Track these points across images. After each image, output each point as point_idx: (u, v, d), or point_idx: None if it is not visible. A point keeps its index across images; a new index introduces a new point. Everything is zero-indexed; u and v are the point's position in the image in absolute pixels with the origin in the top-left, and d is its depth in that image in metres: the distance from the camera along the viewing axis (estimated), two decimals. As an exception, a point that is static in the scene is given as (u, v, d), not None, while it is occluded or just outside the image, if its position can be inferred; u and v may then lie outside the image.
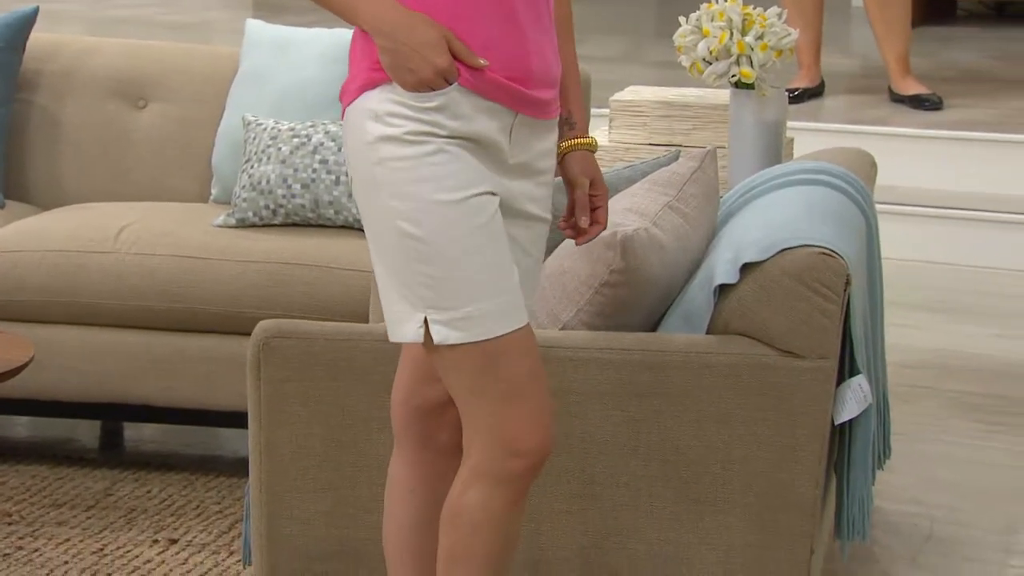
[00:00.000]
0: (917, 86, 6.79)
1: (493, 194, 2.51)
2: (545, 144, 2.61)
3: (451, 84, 2.47)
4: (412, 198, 2.47)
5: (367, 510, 2.89)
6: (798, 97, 6.63)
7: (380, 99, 2.48)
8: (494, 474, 2.51)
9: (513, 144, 2.55)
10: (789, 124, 4.72)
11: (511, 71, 2.52)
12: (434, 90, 2.46)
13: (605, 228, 2.68)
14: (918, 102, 6.74)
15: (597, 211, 2.67)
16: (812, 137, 5.74)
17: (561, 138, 2.66)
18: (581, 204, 2.65)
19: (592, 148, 2.69)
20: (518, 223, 2.59)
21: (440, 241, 2.46)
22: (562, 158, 2.66)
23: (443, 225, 2.46)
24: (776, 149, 4.47)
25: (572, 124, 2.67)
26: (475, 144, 2.51)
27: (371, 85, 2.50)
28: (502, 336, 2.49)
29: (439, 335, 2.47)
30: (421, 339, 2.48)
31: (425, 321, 2.47)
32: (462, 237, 2.47)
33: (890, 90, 6.83)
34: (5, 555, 3.59)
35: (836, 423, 2.93)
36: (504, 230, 2.52)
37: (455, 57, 2.47)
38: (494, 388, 2.50)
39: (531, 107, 2.55)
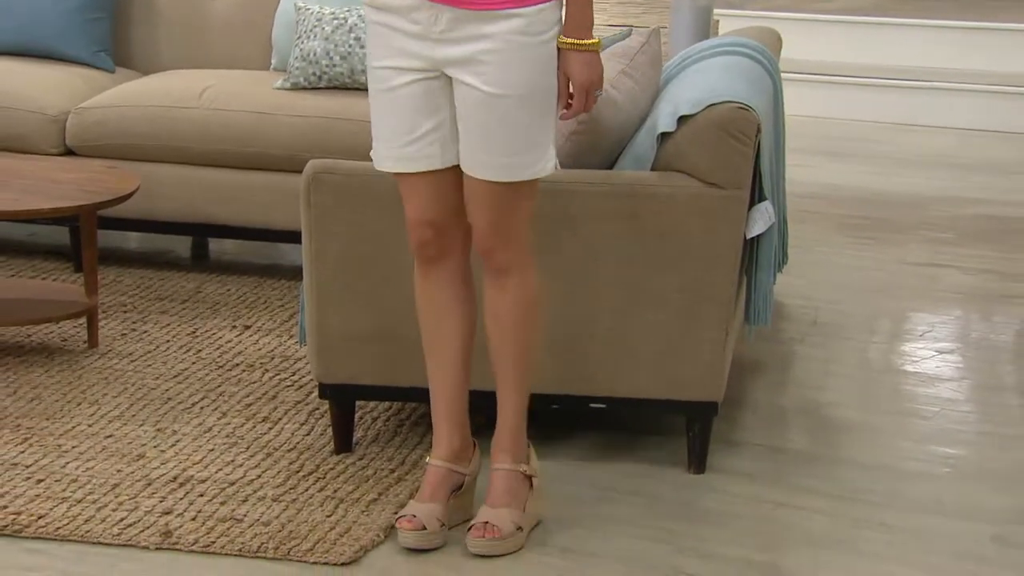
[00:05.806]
0: None
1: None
2: (477, 30, 2.39)
3: None
4: None
5: (391, 302, 2.88)
6: None
7: None
8: (526, 268, 2.54)
9: (437, 24, 2.41)
10: (716, 9, 4.63)
11: None
12: None
13: (581, 113, 2.49)
14: None
15: (572, 100, 2.46)
16: (734, 20, 5.66)
17: None
18: (559, 92, 2.47)
19: (569, 46, 2.43)
20: (455, 85, 2.44)
21: None
22: None
23: None
24: (705, 28, 4.40)
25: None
26: (387, 13, 2.43)
27: None
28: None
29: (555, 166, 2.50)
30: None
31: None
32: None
33: None
34: (123, 334, 3.59)
35: (747, 237, 2.91)
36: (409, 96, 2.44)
37: None
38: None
39: None
